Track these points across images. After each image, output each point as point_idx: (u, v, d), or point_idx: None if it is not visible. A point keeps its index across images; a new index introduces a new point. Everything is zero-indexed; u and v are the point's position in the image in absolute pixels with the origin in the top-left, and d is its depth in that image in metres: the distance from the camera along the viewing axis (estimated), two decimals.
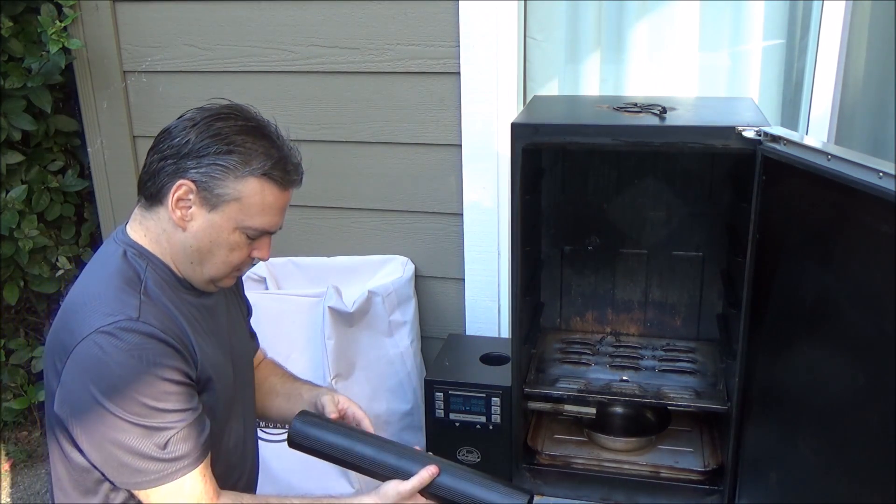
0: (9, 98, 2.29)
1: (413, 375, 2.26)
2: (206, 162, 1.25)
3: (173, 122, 1.31)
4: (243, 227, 1.29)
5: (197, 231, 1.28)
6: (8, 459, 2.63)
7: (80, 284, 1.31)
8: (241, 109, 1.33)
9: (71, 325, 1.22)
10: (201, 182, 1.25)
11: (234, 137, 1.26)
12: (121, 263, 1.29)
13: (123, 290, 1.24)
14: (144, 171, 1.30)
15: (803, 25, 2.05)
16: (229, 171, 1.25)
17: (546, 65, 2.21)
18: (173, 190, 1.25)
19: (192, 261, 1.32)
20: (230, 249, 1.31)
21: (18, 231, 2.37)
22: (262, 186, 1.27)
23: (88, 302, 1.24)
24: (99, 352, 1.17)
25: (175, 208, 1.26)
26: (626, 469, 1.84)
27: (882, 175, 1.13)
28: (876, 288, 1.17)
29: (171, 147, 1.26)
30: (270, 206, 1.30)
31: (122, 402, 1.17)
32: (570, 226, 2.12)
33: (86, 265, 1.37)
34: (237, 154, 1.25)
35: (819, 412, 1.38)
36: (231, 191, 1.26)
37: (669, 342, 2.11)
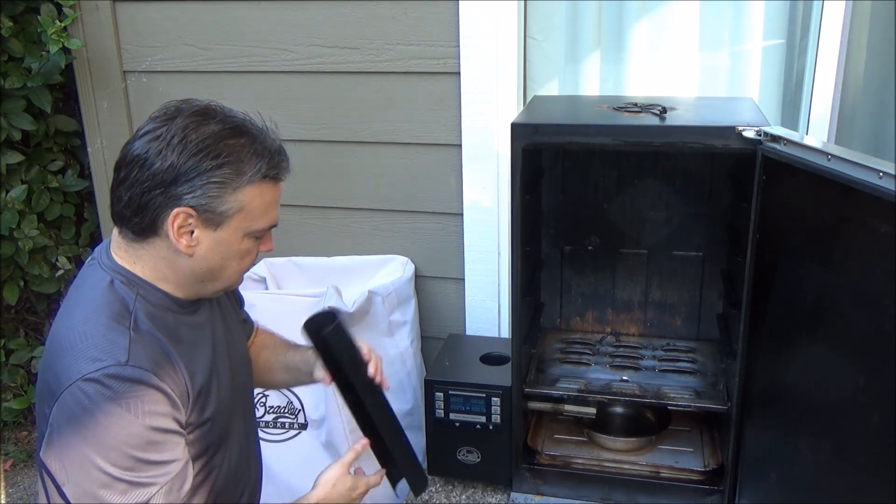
0: (9, 98, 2.29)
1: (413, 375, 2.26)
2: (199, 183, 1.16)
3: (139, 146, 1.18)
4: (251, 232, 1.25)
5: (206, 253, 1.23)
6: (7, 459, 2.63)
7: (65, 318, 1.23)
8: (206, 111, 1.24)
9: (57, 369, 1.15)
10: (200, 205, 1.17)
11: (219, 147, 1.18)
12: (107, 295, 1.21)
13: (111, 328, 1.17)
14: (123, 206, 1.20)
15: (803, 25, 2.05)
16: (226, 186, 1.18)
17: (546, 65, 2.21)
18: (171, 220, 1.18)
19: (204, 279, 1.27)
20: (241, 257, 1.27)
21: (18, 231, 2.37)
22: (260, 189, 1.22)
23: (75, 342, 1.16)
24: (85, 400, 1.11)
25: (179, 237, 1.19)
26: (626, 469, 1.84)
27: (882, 175, 1.13)
28: (876, 288, 1.17)
29: (153, 176, 1.16)
30: (270, 204, 1.26)
31: (107, 455, 1.11)
32: (570, 226, 2.12)
33: (69, 294, 1.28)
34: (228, 165, 1.18)
35: (819, 412, 1.38)
36: (233, 204, 1.20)
37: (669, 342, 2.11)
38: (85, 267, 1.30)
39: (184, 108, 1.23)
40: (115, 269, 1.24)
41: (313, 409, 2.14)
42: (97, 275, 1.24)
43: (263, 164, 1.21)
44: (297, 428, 2.16)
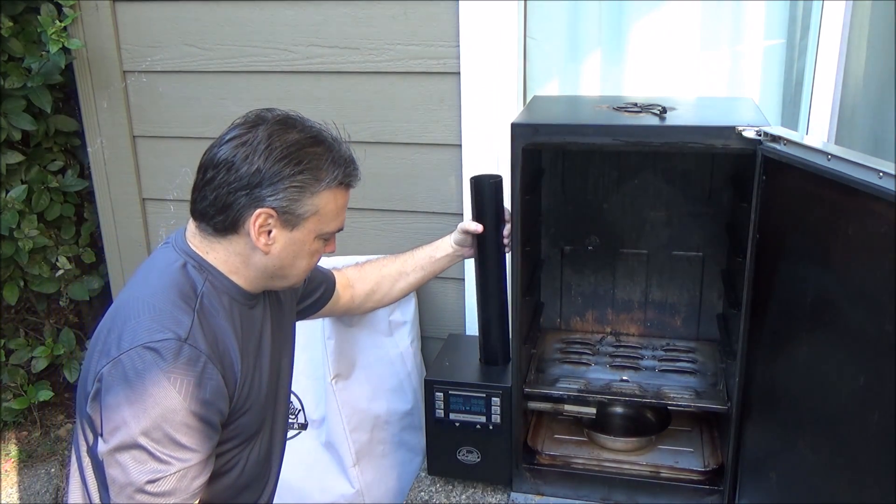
0: (9, 98, 2.30)
1: (413, 375, 2.26)
2: (282, 186, 1.26)
3: (225, 150, 1.28)
4: (321, 234, 1.36)
5: (280, 251, 1.32)
6: (7, 459, 2.63)
7: (134, 287, 1.31)
8: (288, 120, 1.34)
9: (121, 332, 1.22)
10: (281, 207, 1.27)
11: (301, 154, 1.28)
12: (178, 276, 1.29)
13: (177, 304, 1.25)
14: (207, 204, 1.30)
15: (803, 25, 2.05)
16: (305, 190, 1.28)
17: (546, 65, 2.21)
18: (253, 220, 1.28)
19: (274, 275, 1.36)
20: (311, 256, 1.38)
21: (18, 231, 2.37)
22: (334, 194, 1.33)
23: (142, 312, 1.23)
24: (140, 365, 1.17)
25: (259, 236, 1.29)
26: (626, 469, 1.84)
27: (882, 175, 1.13)
28: (876, 288, 1.17)
29: (239, 178, 1.26)
30: (341, 208, 1.37)
31: (142, 421, 1.17)
32: (570, 226, 2.12)
33: (139, 270, 1.36)
34: (308, 171, 1.28)
35: (819, 412, 1.38)
36: (310, 207, 1.30)
37: (669, 342, 2.11)
38: (158, 249, 1.38)
39: (267, 116, 1.33)
40: (190, 253, 1.33)
41: (313, 409, 2.14)
42: (171, 256, 1.33)
43: (340, 172, 1.32)
44: (297, 428, 2.16)
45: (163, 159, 2.41)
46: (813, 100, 2.00)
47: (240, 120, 1.33)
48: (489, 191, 1.77)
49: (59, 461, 2.60)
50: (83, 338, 2.75)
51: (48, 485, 2.52)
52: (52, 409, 2.85)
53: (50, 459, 2.61)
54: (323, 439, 2.13)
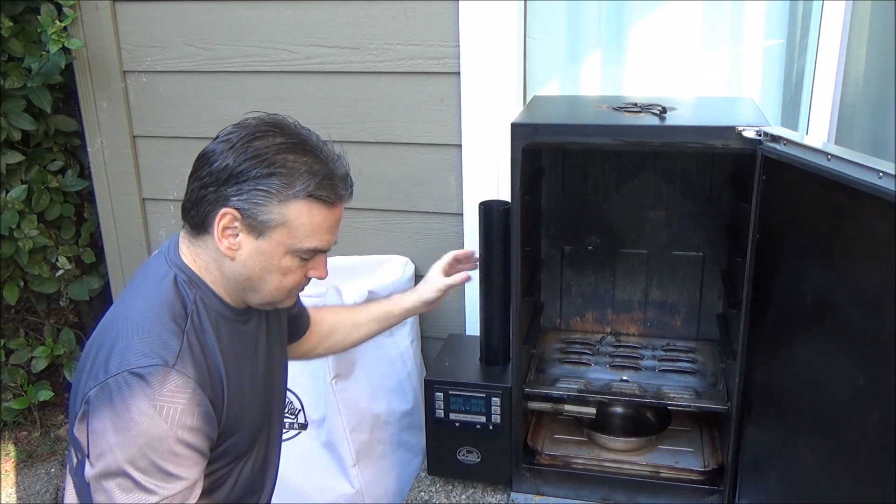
0: (9, 98, 2.30)
1: (413, 375, 2.26)
2: (247, 188, 1.20)
3: (211, 145, 1.25)
4: (294, 251, 1.26)
5: (246, 259, 1.25)
6: (7, 459, 2.63)
7: (125, 304, 1.27)
8: (280, 124, 1.27)
9: (108, 352, 1.18)
10: (244, 209, 1.21)
11: (275, 157, 1.20)
12: (170, 293, 1.25)
13: (167, 326, 1.20)
14: (186, 198, 1.27)
15: (803, 25, 2.05)
16: (272, 196, 1.20)
17: (546, 65, 2.21)
18: (217, 219, 1.22)
19: (245, 288, 1.29)
20: (283, 274, 1.28)
21: (18, 231, 2.37)
22: (308, 207, 1.23)
23: (131, 334, 1.19)
24: (126, 392, 1.14)
25: (221, 238, 1.23)
26: (626, 469, 1.84)
27: (882, 175, 1.13)
28: (876, 288, 1.17)
29: (211, 174, 1.22)
30: (320, 226, 1.25)
31: (128, 449, 1.13)
32: (570, 226, 2.12)
33: (133, 281, 1.32)
34: (278, 176, 1.20)
35: (819, 412, 1.38)
36: (276, 216, 1.21)
37: (669, 342, 2.11)
38: (152, 258, 1.34)
39: (262, 118, 1.28)
40: (179, 265, 1.28)
41: (313, 409, 2.14)
42: (162, 268, 1.28)
43: (313, 183, 1.22)
44: (297, 428, 2.16)
45: (163, 159, 2.41)
46: (813, 100, 2.00)
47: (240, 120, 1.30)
48: (497, 218, 1.79)
49: (58, 461, 2.60)
50: (83, 338, 2.75)
51: (48, 485, 2.52)
52: (52, 409, 2.85)
53: (50, 459, 2.61)
54: (323, 439, 2.13)
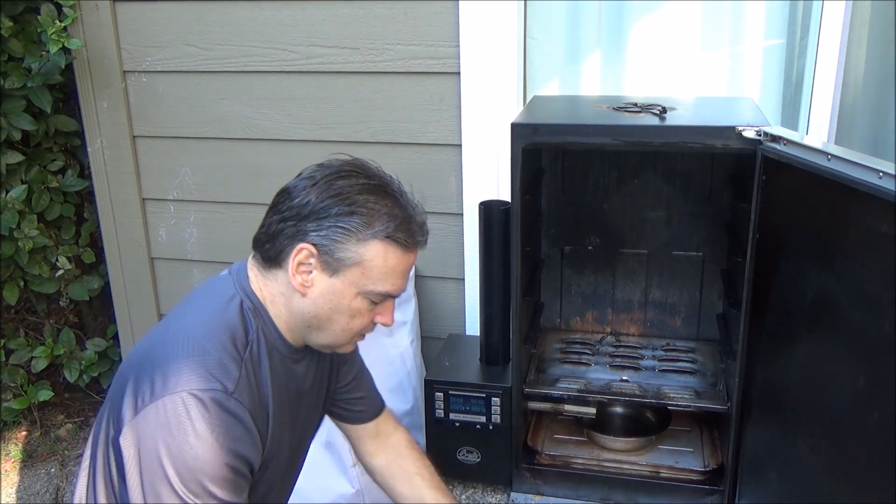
0: (9, 98, 2.29)
1: (413, 375, 2.26)
2: (327, 224, 1.20)
3: (293, 181, 1.26)
4: (366, 293, 1.24)
5: (317, 297, 1.24)
6: (7, 459, 2.63)
7: (188, 318, 1.25)
8: (363, 166, 1.27)
9: (166, 366, 1.17)
10: (322, 245, 1.20)
11: (356, 197, 1.21)
12: (234, 317, 1.24)
13: (229, 352, 1.20)
14: (263, 231, 1.26)
15: (803, 25, 2.05)
16: (351, 234, 1.20)
17: (546, 65, 2.21)
18: (293, 254, 1.21)
19: (311, 326, 1.28)
20: (351, 316, 1.27)
21: (18, 231, 2.37)
22: (384, 249, 1.22)
23: (192, 353, 1.18)
24: (184, 413, 1.13)
25: (296, 273, 1.22)
26: (626, 469, 1.84)
27: (882, 175, 1.13)
28: (876, 288, 1.17)
29: (291, 208, 1.22)
30: (393, 270, 1.25)
31: (181, 471, 1.12)
32: (570, 226, 2.12)
33: (196, 294, 1.31)
34: (359, 215, 1.20)
35: (819, 412, 1.38)
36: (353, 255, 1.21)
37: (669, 342, 2.11)
38: (220, 276, 1.33)
39: (345, 159, 1.28)
40: (247, 292, 1.27)
41: None
42: (229, 291, 1.27)
43: (392, 225, 1.22)
44: None
45: (163, 159, 2.41)
46: (813, 100, 2.00)
47: (327, 159, 1.30)
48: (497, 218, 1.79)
49: (58, 461, 2.60)
50: (83, 338, 2.75)
51: (48, 485, 2.52)
52: (52, 409, 2.85)
53: (50, 459, 2.61)
54: (323, 439, 2.13)
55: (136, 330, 2.57)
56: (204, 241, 2.45)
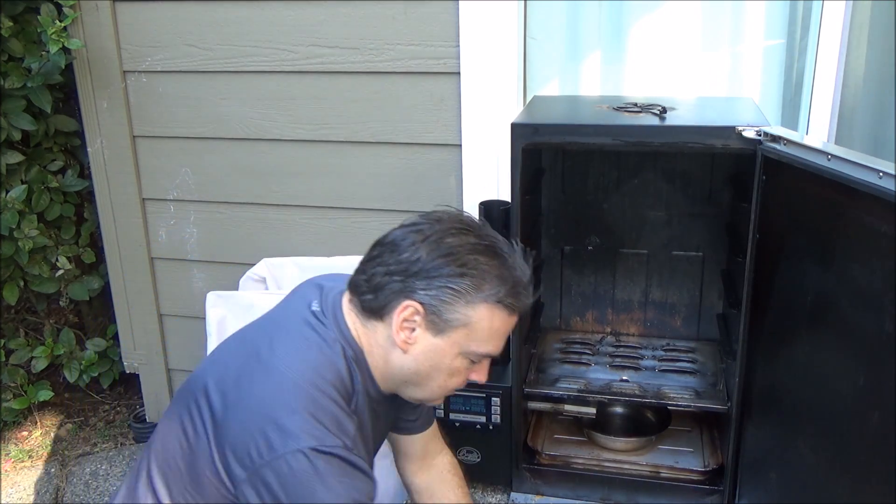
0: (9, 98, 2.29)
1: None
2: (437, 284, 1.18)
3: (398, 233, 1.23)
4: (467, 353, 1.24)
5: (418, 354, 1.23)
6: (7, 459, 2.63)
7: (292, 360, 1.20)
8: (472, 224, 1.25)
9: (282, 422, 1.12)
10: (430, 305, 1.19)
11: (467, 258, 1.19)
12: (341, 367, 1.21)
13: (341, 406, 1.18)
14: (363, 278, 1.24)
15: (803, 25, 2.05)
16: (460, 296, 1.18)
17: (546, 65, 2.21)
18: (399, 310, 1.19)
19: (408, 381, 1.27)
20: (450, 374, 1.26)
21: (18, 231, 2.37)
22: (491, 313, 1.21)
23: (307, 405, 1.14)
24: (312, 470, 1.10)
25: (399, 330, 1.21)
26: (626, 469, 1.84)
27: (882, 175, 1.13)
28: (876, 288, 1.17)
29: (399, 262, 1.20)
30: (497, 332, 1.24)
31: None
32: (570, 226, 2.12)
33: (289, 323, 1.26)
34: (470, 277, 1.18)
35: (819, 412, 1.38)
36: (460, 316, 1.19)
37: (669, 342, 2.12)
38: (314, 309, 1.28)
39: (453, 214, 1.26)
40: (347, 339, 1.25)
41: None
42: (330, 334, 1.24)
43: (503, 290, 1.20)
44: None
45: (163, 159, 2.41)
46: (813, 100, 2.00)
47: (426, 212, 1.28)
48: (497, 218, 1.78)
49: (59, 461, 2.60)
50: (83, 338, 2.75)
51: (48, 485, 2.52)
52: (52, 409, 2.85)
53: (50, 459, 2.61)
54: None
55: (136, 330, 2.57)
56: (204, 241, 2.45)
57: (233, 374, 1.22)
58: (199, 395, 1.23)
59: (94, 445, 2.70)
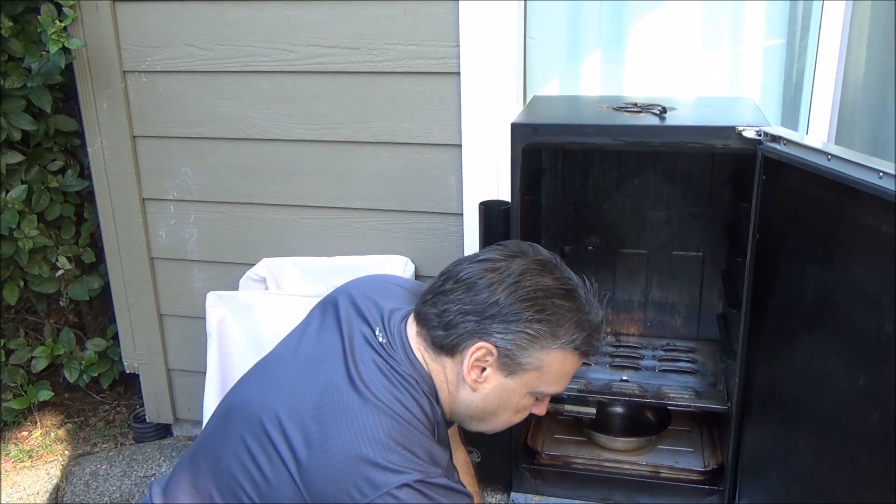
0: (9, 98, 2.29)
1: None
2: (514, 328, 1.17)
3: (473, 269, 1.21)
4: (535, 392, 1.25)
5: (488, 393, 1.23)
6: (7, 459, 2.63)
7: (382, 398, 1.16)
8: (550, 263, 1.24)
9: (381, 461, 1.10)
10: (505, 349, 1.18)
11: (546, 303, 1.18)
12: (425, 404, 1.20)
13: (430, 438, 1.18)
14: (434, 312, 1.22)
15: (803, 25, 2.05)
16: (536, 341, 1.18)
17: (546, 65, 2.21)
18: (472, 350, 1.19)
19: (474, 418, 1.27)
20: (515, 412, 1.27)
21: (18, 231, 2.37)
22: (564, 357, 1.21)
23: (403, 441, 1.13)
24: (423, 499, 1.10)
25: (471, 369, 1.20)
26: (626, 469, 1.84)
27: (882, 175, 1.13)
28: (876, 288, 1.17)
29: (475, 303, 1.18)
30: (567, 374, 1.25)
31: None
32: (570, 226, 2.12)
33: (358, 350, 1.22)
34: (547, 323, 1.18)
35: (819, 412, 1.38)
36: (534, 360, 1.20)
37: (669, 342, 2.12)
38: (383, 344, 1.25)
39: (528, 251, 1.25)
40: (421, 373, 1.23)
41: None
42: (405, 367, 1.22)
43: (580, 337, 1.20)
44: None
45: (163, 159, 2.41)
46: (813, 100, 2.00)
47: (500, 246, 1.27)
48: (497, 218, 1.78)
49: (59, 461, 2.60)
50: (83, 338, 2.75)
51: (48, 485, 2.52)
52: (52, 409, 2.85)
53: (50, 459, 2.61)
54: None
55: (136, 330, 2.57)
56: (204, 241, 2.45)
57: (309, 409, 1.17)
58: (270, 426, 1.18)
59: (94, 445, 2.70)
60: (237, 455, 1.21)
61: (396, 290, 1.39)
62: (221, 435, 1.27)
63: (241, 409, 1.26)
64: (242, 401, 1.28)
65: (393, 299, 1.34)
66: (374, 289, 1.38)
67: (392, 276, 1.54)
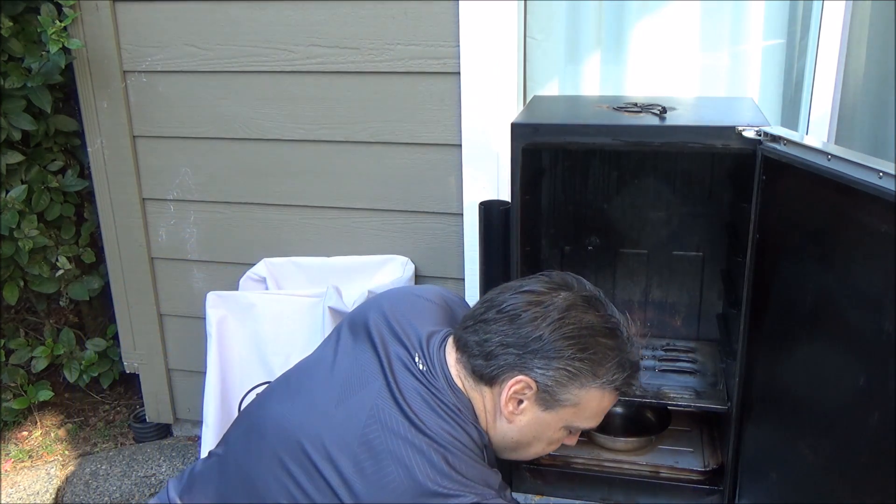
0: (9, 98, 2.30)
1: None
2: (555, 365, 1.18)
3: (517, 300, 1.21)
4: (570, 426, 1.26)
5: (523, 426, 1.23)
6: (7, 459, 2.63)
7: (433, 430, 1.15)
8: (594, 300, 1.24)
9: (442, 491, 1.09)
10: (544, 384, 1.19)
11: (589, 341, 1.19)
12: (473, 432, 1.20)
13: (481, 462, 1.18)
14: (474, 340, 1.22)
15: (803, 25, 2.05)
16: (576, 379, 1.19)
17: (546, 65, 2.21)
18: (511, 383, 1.19)
19: (507, 449, 1.28)
20: (548, 443, 1.28)
21: (18, 231, 2.37)
22: (602, 395, 1.22)
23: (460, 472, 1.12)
24: None
25: (508, 401, 1.21)
26: (626, 469, 1.84)
27: (882, 175, 1.13)
28: (876, 288, 1.17)
29: (518, 335, 1.19)
30: (604, 410, 1.26)
31: None
32: (570, 226, 2.12)
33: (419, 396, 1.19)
34: (589, 362, 1.18)
35: (819, 412, 1.38)
36: (572, 397, 1.20)
37: (669, 342, 2.11)
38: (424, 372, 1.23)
39: (573, 284, 1.26)
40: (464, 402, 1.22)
41: None
42: (449, 398, 1.21)
43: (621, 377, 1.21)
44: None
45: (163, 159, 2.41)
46: (813, 100, 2.00)
47: (545, 276, 1.27)
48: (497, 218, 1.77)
49: (59, 461, 2.60)
50: (83, 338, 2.75)
51: (48, 485, 2.52)
52: (52, 409, 2.85)
53: (50, 459, 2.61)
54: None
55: (136, 330, 2.58)
56: (204, 241, 2.45)
57: (356, 436, 1.15)
58: (313, 452, 1.16)
59: (94, 445, 2.70)
60: (275, 475, 1.19)
61: (425, 306, 1.38)
62: (254, 452, 1.25)
63: (275, 428, 1.24)
64: (275, 419, 1.25)
65: (424, 319, 1.33)
66: (404, 306, 1.36)
67: (417, 289, 1.55)
